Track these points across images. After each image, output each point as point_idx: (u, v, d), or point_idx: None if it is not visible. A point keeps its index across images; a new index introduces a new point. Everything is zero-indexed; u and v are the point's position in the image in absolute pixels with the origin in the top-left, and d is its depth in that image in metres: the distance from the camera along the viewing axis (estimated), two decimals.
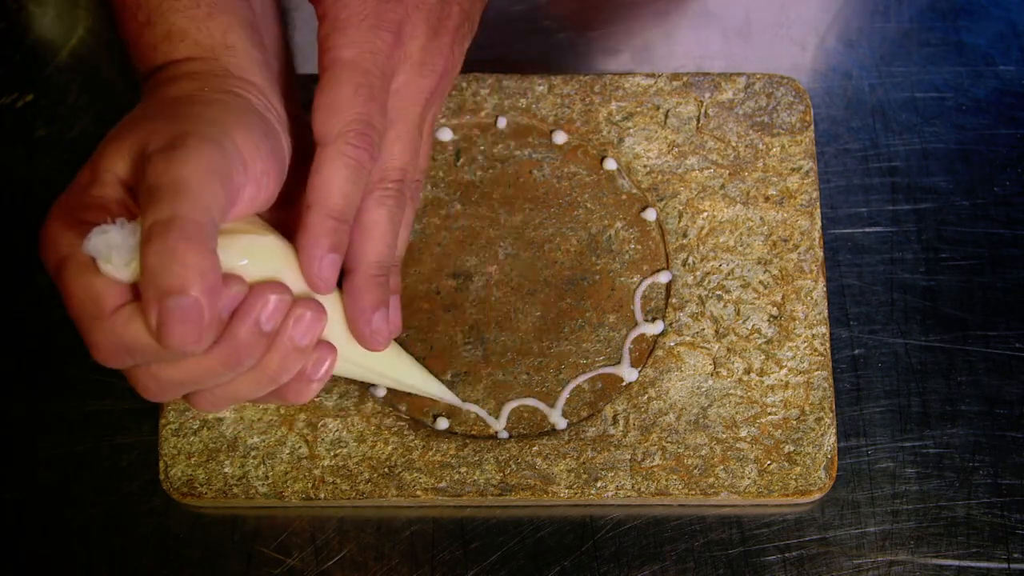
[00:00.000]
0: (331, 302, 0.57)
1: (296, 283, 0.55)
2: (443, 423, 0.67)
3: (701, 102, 0.72)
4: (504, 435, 0.67)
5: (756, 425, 0.66)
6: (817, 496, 0.66)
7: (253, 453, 0.66)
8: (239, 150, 0.52)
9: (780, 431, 0.66)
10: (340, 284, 0.58)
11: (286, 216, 0.57)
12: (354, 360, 0.59)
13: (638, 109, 0.72)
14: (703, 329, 0.68)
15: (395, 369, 0.62)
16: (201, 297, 0.48)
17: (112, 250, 0.49)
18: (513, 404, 0.67)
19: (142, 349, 0.50)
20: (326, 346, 0.55)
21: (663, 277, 0.69)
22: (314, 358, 0.55)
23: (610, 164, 0.71)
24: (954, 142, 0.74)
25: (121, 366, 0.52)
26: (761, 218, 0.70)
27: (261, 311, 0.51)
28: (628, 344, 0.68)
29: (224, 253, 0.51)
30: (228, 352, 0.51)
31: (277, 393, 0.55)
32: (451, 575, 0.66)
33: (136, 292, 0.49)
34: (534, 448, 0.66)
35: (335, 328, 0.57)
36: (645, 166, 0.71)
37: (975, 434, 0.68)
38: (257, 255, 0.53)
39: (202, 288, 0.47)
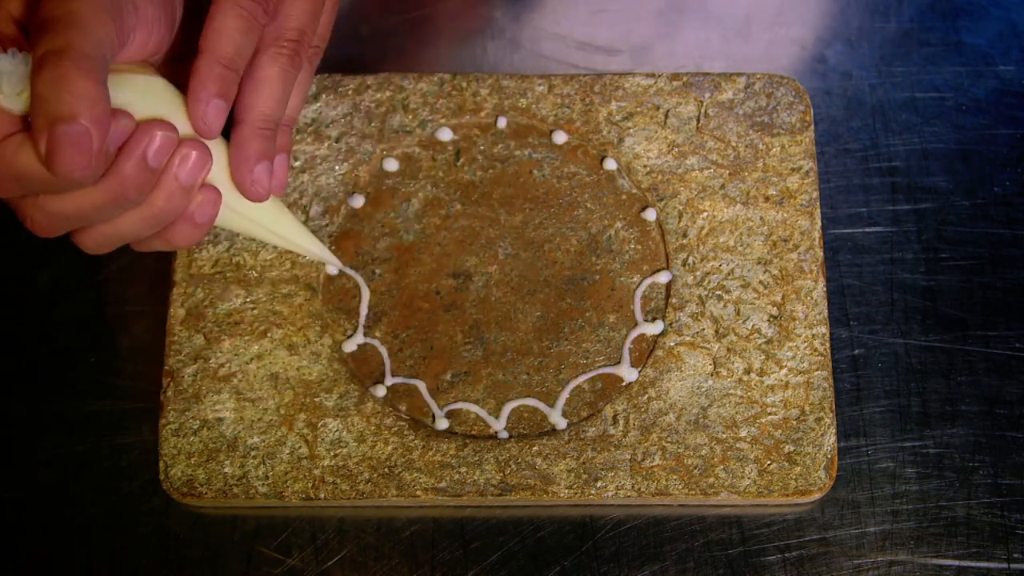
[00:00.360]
0: (218, 153, 0.59)
1: (184, 127, 0.56)
2: (443, 423, 0.67)
3: (701, 102, 0.72)
4: (504, 435, 0.67)
5: (756, 425, 0.66)
6: (817, 496, 0.66)
7: (253, 453, 0.66)
8: None
9: (780, 431, 0.66)
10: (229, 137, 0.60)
11: (180, 74, 0.59)
12: (238, 210, 0.61)
13: (638, 109, 0.72)
14: (703, 329, 0.68)
15: (276, 223, 0.63)
16: (90, 125, 0.49)
17: (3, 77, 0.51)
18: (513, 404, 0.67)
19: (31, 178, 0.52)
20: (211, 189, 0.57)
21: (663, 277, 0.69)
22: (199, 200, 0.57)
23: (610, 164, 0.71)
24: (954, 142, 0.74)
25: (10, 195, 0.54)
26: (761, 218, 0.70)
27: (148, 146, 0.53)
28: (628, 344, 0.68)
29: (114, 89, 0.52)
30: (114, 186, 0.53)
31: (163, 236, 0.57)
32: (451, 575, 0.66)
33: (27, 123, 0.51)
34: (534, 448, 0.66)
35: (220, 178, 0.59)
36: (645, 166, 0.71)
37: (975, 434, 0.68)
38: (147, 94, 0.55)
39: (91, 116, 0.49)
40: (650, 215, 0.70)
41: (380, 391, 0.67)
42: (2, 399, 0.70)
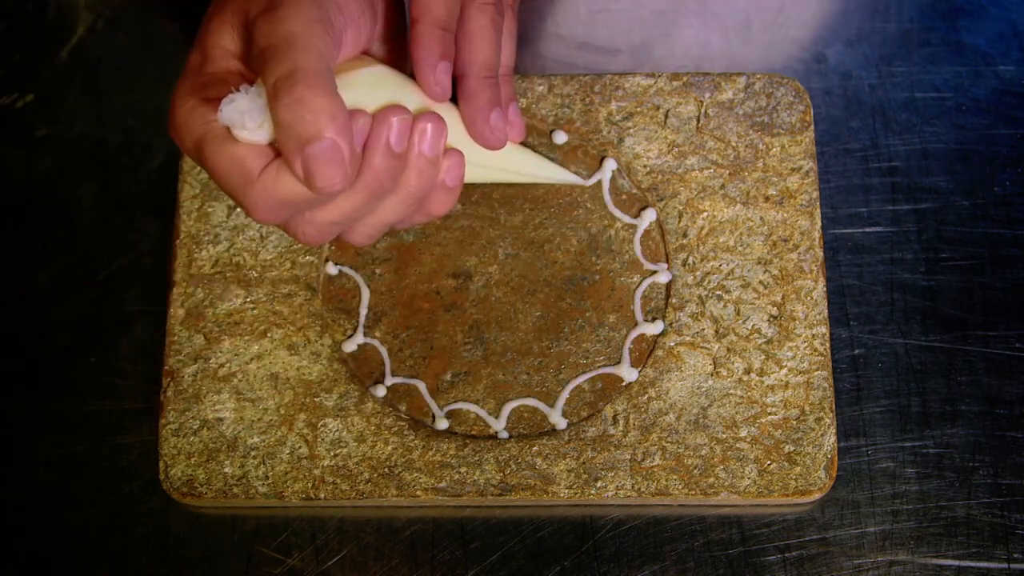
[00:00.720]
0: (447, 116, 0.60)
1: (412, 103, 0.58)
2: (443, 423, 0.67)
3: (701, 102, 0.72)
4: (504, 435, 0.67)
5: (756, 425, 0.66)
6: (817, 496, 0.66)
7: (253, 453, 0.66)
8: None
9: (780, 431, 0.66)
10: (452, 98, 0.61)
11: (390, 52, 0.61)
12: (482, 163, 0.63)
13: (638, 109, 0.72)
14: (703, 329, 0.68)
15: (521, 163, 0.66)
16: (337, 137, 0.51)
17: (244, 115, 0.52)
18: (513, 404, 0.67)
19: (295, 199, 0.54)
20: (454, 152, 0.59)
21: (663, 277, 0.69)
22: (446, 166, 0.58)
23: (610, 164, 0.71)
24: (954, 142, 0.74)
25: (279, 221, 0.56)
26: (761, 218, 0.70)
27: (389, 134, 0.55)
28: (628, 344, 0.68)
29: (343, 91, 0.54)
30: (370, 182, 0.55)
31: (422, 211, 0.60)
32: (451, 575, 0.66)
33: (275, 151, 0.53)
34: (534, 448, 0.66)
35: (457, 140, 0.61)
36: (645, 166, 0.71)
37: (975, 434, 0.68)
38: (371, 85, 0.57)
39: (335, 129, 0.51)
40: (650, 215, 0.70)
41: (380, 391, 0.67)
42: (2, 399, 0.70)
